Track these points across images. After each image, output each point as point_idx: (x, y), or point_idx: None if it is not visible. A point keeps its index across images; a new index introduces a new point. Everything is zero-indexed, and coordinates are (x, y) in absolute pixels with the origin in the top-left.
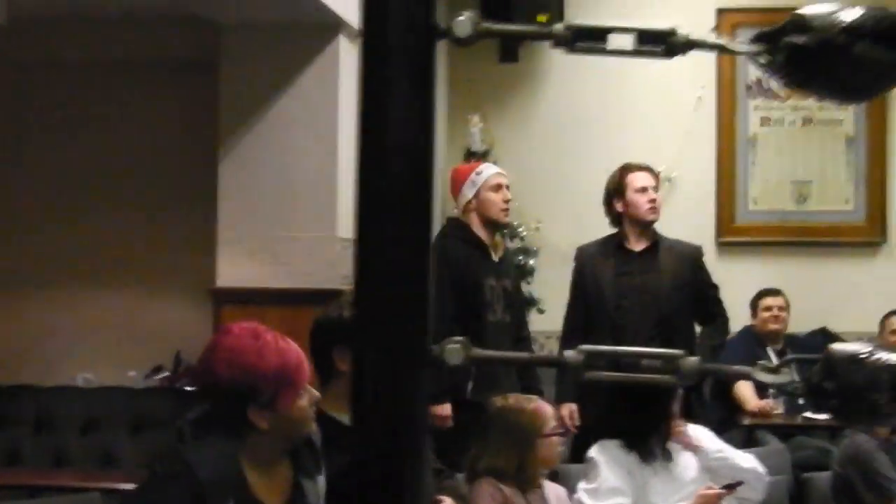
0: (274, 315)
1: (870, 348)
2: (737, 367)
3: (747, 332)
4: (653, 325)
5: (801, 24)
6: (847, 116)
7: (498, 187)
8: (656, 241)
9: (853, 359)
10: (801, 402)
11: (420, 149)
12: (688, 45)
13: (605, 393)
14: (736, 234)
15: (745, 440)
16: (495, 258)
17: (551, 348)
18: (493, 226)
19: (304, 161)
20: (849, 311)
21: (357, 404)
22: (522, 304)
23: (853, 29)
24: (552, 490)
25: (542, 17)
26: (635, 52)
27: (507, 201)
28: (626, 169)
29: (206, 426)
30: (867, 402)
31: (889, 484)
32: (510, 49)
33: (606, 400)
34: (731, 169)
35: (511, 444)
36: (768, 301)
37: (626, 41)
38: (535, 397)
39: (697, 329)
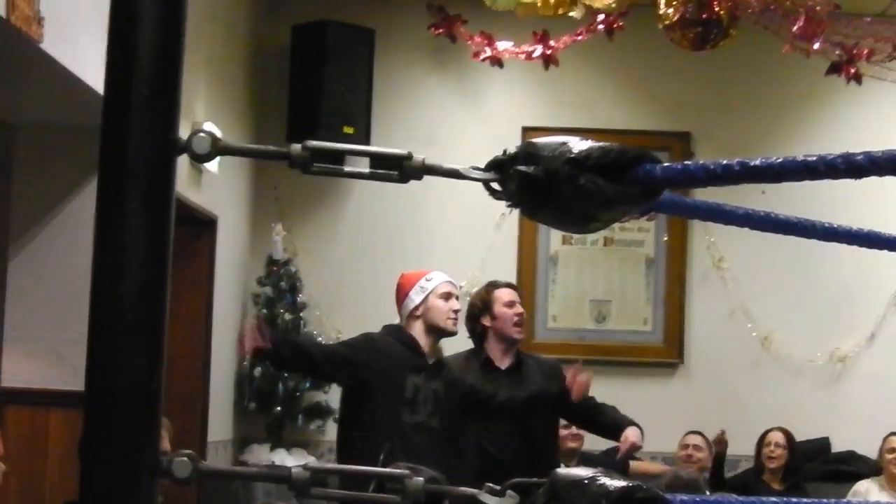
0: (58, 417)
1: (593, 474)
2: (463, 489)
3: None
4: (518, 443)
5: (531, 153)
6: (647, 238)
7: (448, 296)
8: (521, 359)
9: (576, 484)
10: None
11: (155, 261)
12: (423, 170)
13: None
14: (534, 351)
15: None
16: (428, 360)
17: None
18: (438, 333)
19: None
20: (646, 430)
21: None
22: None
23: (579, 161)
24: None
25: (349, 129)
26: (371, 176)
27: (455, 311)
28: (492, 286)
29: None
30: None
31: None
32: None
33: None
34: (531, 286)
35: None
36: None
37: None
38: None
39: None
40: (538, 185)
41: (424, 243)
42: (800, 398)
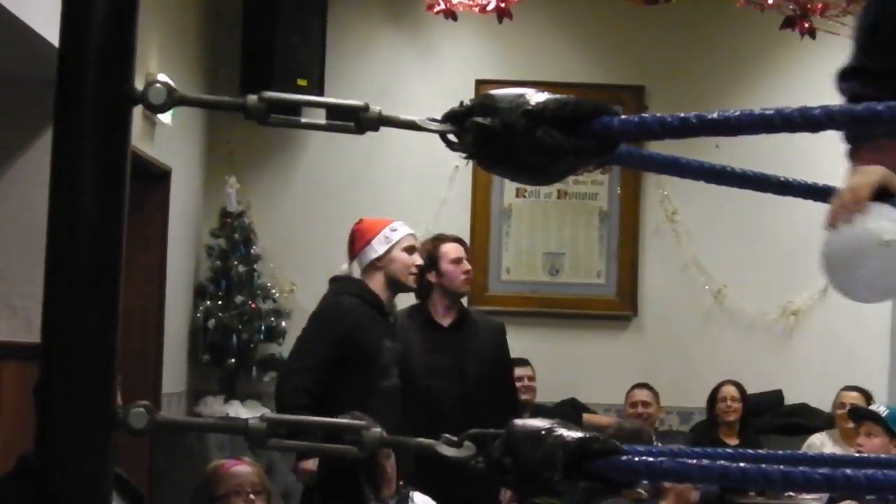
0: (12, 370)
1: (549, 425)
2: (419, 440)
3: None
4: (461, 402)
5: (488, 105)
6: (601, 191)
7: (412, 249)
8: (464, 316)
9: (532, 436)
10: None
11: (111, 215)
12: (380, 122)
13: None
14: (488, 304)
15: None
16: (391, 319)
17: None
18: (399, 288)
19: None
20: (598, 382)
21: (42, 468)
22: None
23: (535, 113)
24: None
25: (302, 82)
26: (328, 127)
27: (418, 267)
28: (439, 240)
29: None
30: (542, 479)
31: None
32: None
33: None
34: (484, 239)
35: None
36: (518, 371)
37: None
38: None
39: None
40: (495, 137)
41: (378, 196)
42: (753, 352)
